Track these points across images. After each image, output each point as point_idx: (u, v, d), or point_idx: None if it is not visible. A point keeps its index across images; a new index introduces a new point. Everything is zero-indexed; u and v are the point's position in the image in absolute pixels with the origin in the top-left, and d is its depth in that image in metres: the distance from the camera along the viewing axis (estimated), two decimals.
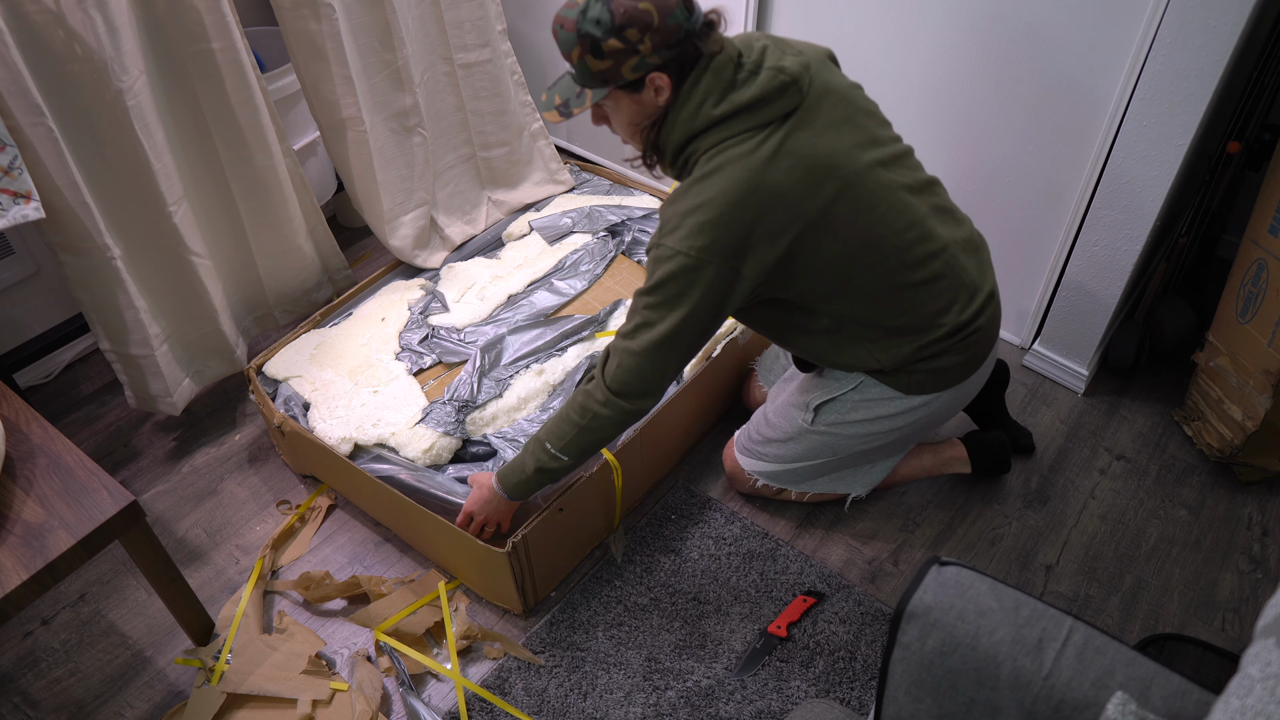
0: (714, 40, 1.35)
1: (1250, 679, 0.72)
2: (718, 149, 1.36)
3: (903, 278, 1.46)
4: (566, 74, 1.41)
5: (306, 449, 1.88)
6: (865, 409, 1.62)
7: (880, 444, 1.69)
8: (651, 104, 1.38)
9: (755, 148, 1.34)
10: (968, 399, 1.68)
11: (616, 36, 1.28)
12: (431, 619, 1.68)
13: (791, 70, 1.35)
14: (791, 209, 1.36)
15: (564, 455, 1.52)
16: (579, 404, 1.50)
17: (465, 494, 1.67)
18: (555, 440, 1.52)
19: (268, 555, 1.80)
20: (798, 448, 1.72)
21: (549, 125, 2.85)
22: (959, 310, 1.51)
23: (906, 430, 1.65)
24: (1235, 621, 1.69)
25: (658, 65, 1.33)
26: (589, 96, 1.37)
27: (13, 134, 1.54)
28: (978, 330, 1.54)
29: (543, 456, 1.53)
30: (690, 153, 1.40)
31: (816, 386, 1.66)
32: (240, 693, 1.56)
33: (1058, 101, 1.84)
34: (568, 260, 2.20)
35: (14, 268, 2.06)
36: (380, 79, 2.06)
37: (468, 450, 1.81)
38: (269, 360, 1.99)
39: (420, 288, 2.19)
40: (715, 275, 1.36)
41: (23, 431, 1.49)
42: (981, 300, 1.54)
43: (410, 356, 1.98)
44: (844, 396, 1.63)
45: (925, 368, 1.55)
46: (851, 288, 1.46)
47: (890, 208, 1.42)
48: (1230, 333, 1.85)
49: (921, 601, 1.01)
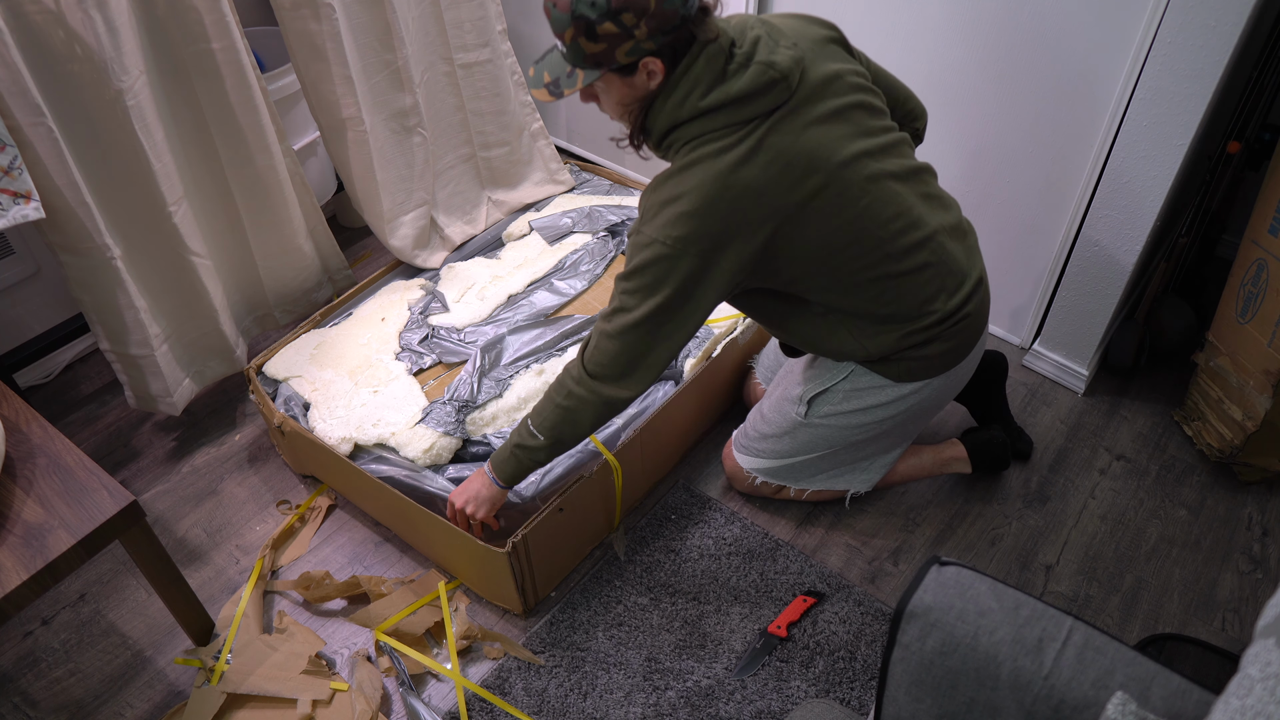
0: (709, 26, 1.33)
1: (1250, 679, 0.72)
2: (699, 141, 1.36)
3: (888, 268, 1.45)
4: (555, 49, 1.39)
5: (306, 449, 1.88)
6: (857, 399, 1.62)
7: (875, 434, 1.69)
8: (643, 87, 1.37)
9: (735, 144, 1.34)
10: (959, 387, 1.68)
11: (612, 20, 1.27)
12: (431, 619, 1.68)
13: (782, 66, 1.34)
14: (768, 205, 1.36)
15: (540, 434, 1.51)
16: (559, 382, 1.51)
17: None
18: (535, 417, 1.53)
19: (268, 555, 1.80)
20: (793, 442, 1.72)
21: (548, 124, 2.85)
22: (947, 298, 1.51)
23: (900, 419, 1.65)
24: (1235, 621, 1.69)
25: (652, 50, 1.31)
26: (580, 78, 1.35)
27: (13, 134, 1.54)
28: (966, 317, 1.54)
29: (522, 432, 1.54)
30: (673, 140, 1.39)
31: (809, 379, 1.67)
32: (240, 693, 1.56)
33: (1058, 101, 1.84)
34: (568, 260, 2.20)
35: (14, 268, 2.06)
36: (380, 79, 2.06)
37: (468, 450, 1.81)
38: (269, 360, 1.99)
39: (420, 288, 2.19)
40: (691, 266, 1.37)
41: (23, 431, 1.49)
42: (970, 287, 1.54)
43: (410, 356, 1.98)
44: (835, 387, 1.63)
45: (914, 355, 1.55)
46: (836, 278, 1.46)
47: (875, 199, 1.41)
48: (1230, 333, 1.85)
49: (921, 601, 1.02)
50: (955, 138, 2.02)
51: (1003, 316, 2.24)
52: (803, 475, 1.80)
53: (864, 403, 1.62)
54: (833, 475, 1.80)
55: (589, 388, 1.47)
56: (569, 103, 2.79)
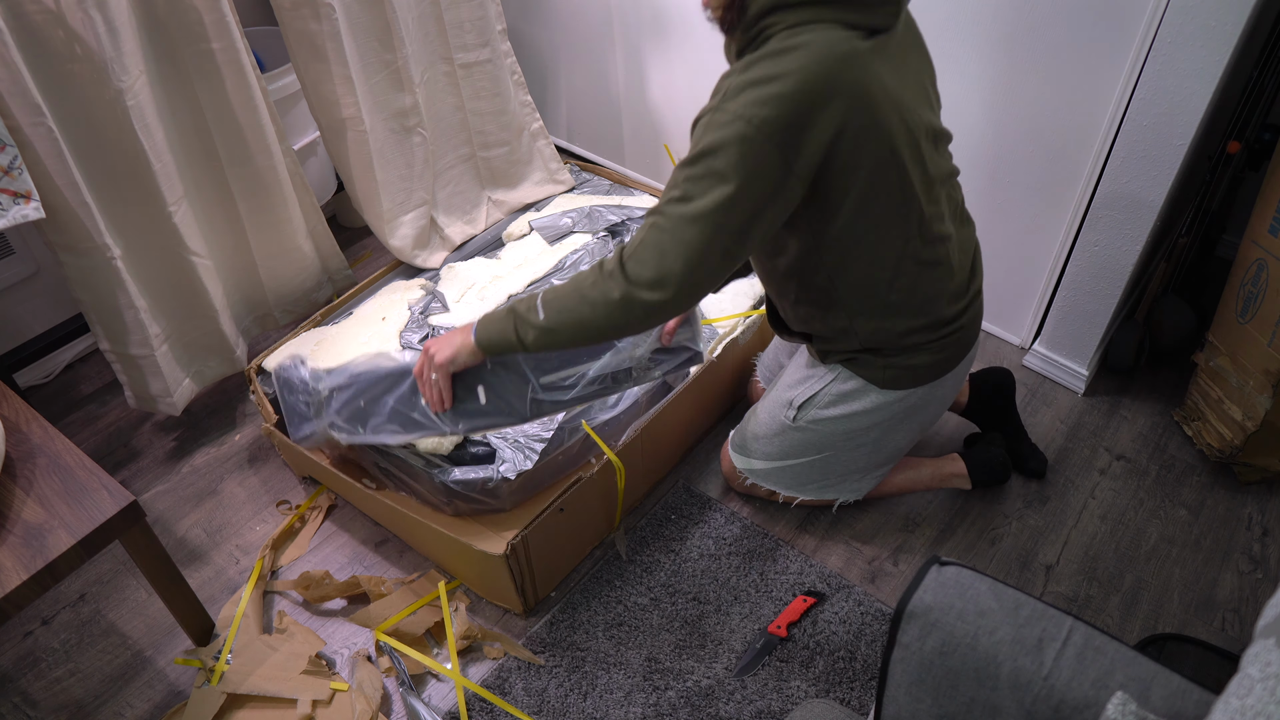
0: None
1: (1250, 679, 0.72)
2: (803, 28, 1.24)
3: (914, 250, 1.43)
4: None
5: (304, 451, 1.87)
6: (843, 404, 1.62)
7: (861, 444, 1.69)
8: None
9: (846, 40, 1.24)
10: (946, 402, 1.68)
11: None
12: (431, 619, 1.68)
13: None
14: (859, 113, 1.25)
15: (541, 310, 1.35)
16: (589, 270, 1.35)
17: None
18: (548, 293, 1.37)
19: (267, 555, 1.80)
20: (783, 444, 1.73)
21: (549, 124, 2.85)
22: (947, 303, 1.51)
23: (885, 427, 1.65)
24: (1235, 621, 1.69)
25: None
26: None
27: (13, 134, 1.54)
28: (960, 329, 1.55)
29: (528, 301, 1.38)
30: (774, 23, 1.26)
31: (799, 383, 1.67)
32: (240, 693, 1.56)
33: (1057, 101, 1.84)
34: (568, 260, 2.20)
35: (14, 268, 2.06)
36: (380, 79, 2.06)
37: (467, 451, 1.80)
38: (270, 356, 1.99)
39: (420, 288, 2.19)
40: (767, 160, 1.23)
41: (23, 431, 1.49)
42: (969, 298, 1.55)
43: (410, 355, 1.97)
44: (823, 391, 1.63)
45: (900, 364, 1.55)
46: (870, 236, 1.39)
47: (927, 174, 1.38)
48: (1230, 333, 1.85)
49: (921, 601, 1.02)
50: (955, 137, 2.02)
51: (1003, 316, 2.24)
52: (792, 483, 1.80)
53: (849, 408, 1.62)
54: (822, 486, 1.80)
55: (618, 282, 1.29)
56: (569, 102, 2.79)
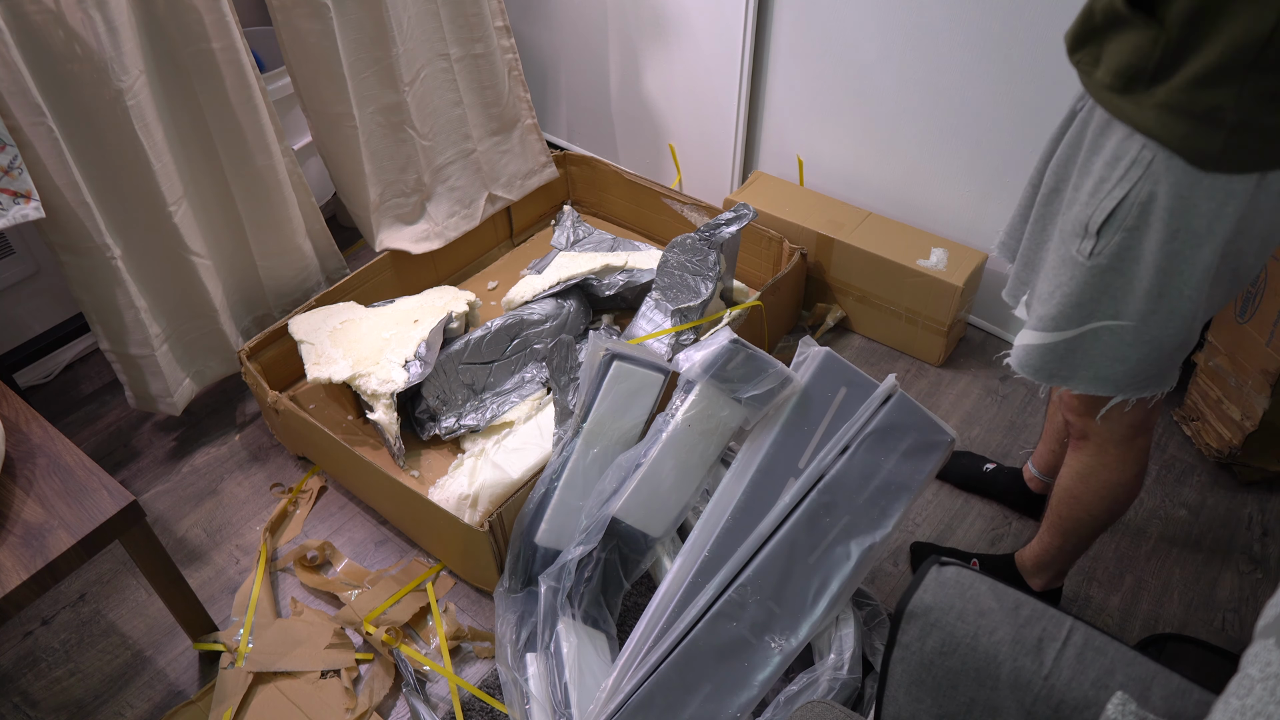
0: None
1: (1250, 679, 0.72)
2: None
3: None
4: None
5: (299, 428, 1.89)
6: (1165, 215, 1.06)
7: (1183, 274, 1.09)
8: None
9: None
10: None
11: None
12: (417, 604, 1.70)
13: None
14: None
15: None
16: None
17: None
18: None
19: (268, 539, 1.83)
20: (1067, 290, 1.19)
21: (549, 123, 2.85)
22: None
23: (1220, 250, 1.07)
24: (1235, 621, 1.69)
25: None
26: None
27: (13, 134, 1.54)
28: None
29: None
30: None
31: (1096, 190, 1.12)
32: (268, 671, 1.59)
33: (1058, 102, 1.84)
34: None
35: (14, 268, 2.06)
36: (371, 75, 2.06)
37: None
38: (298, 315, 2.03)
39: (467, 304, 2.14)
40: None
41: (23, 431, 1.49)
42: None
43: (416, 365, 1.94)
44: (1134, 191, 1.08)
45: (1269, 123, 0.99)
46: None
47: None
48: (1229, 333, 1.85)
49: (921, 601, 1.02)
50: (956, 138, 2.02)
51: (1003, 316, 2.24)
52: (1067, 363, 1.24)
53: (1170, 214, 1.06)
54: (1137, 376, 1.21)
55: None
56: (569, 102, 2.79)
